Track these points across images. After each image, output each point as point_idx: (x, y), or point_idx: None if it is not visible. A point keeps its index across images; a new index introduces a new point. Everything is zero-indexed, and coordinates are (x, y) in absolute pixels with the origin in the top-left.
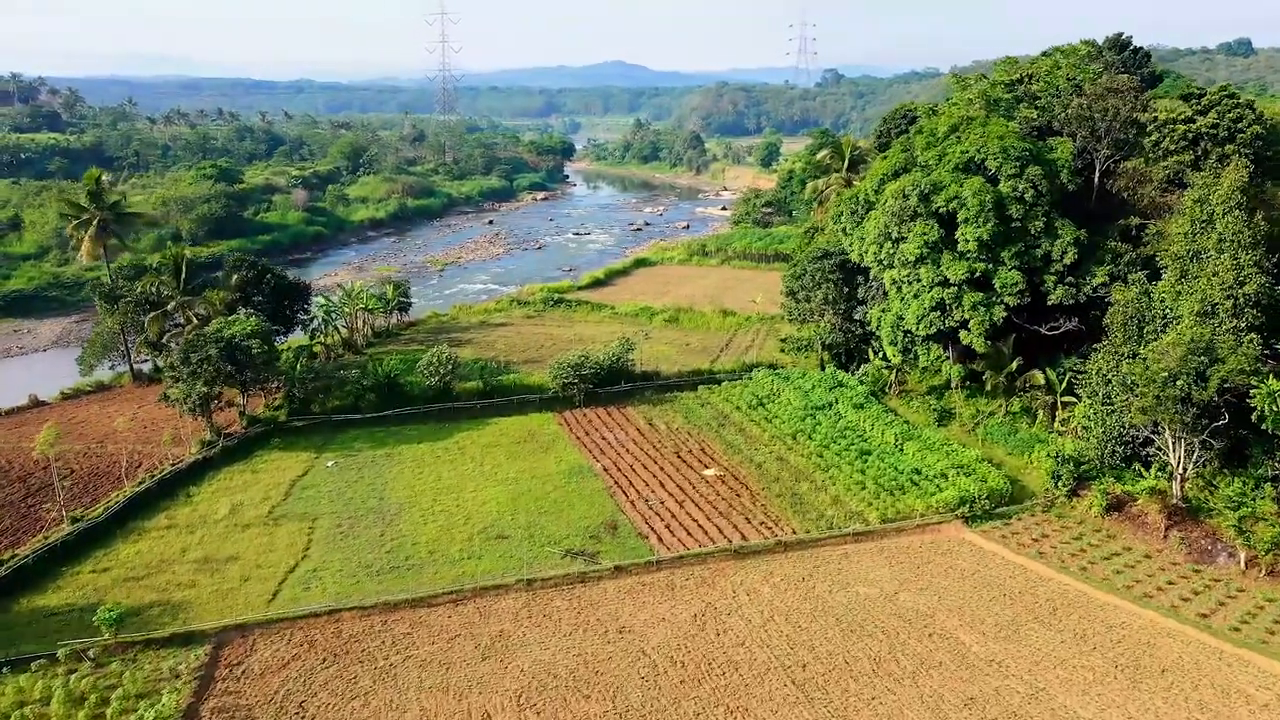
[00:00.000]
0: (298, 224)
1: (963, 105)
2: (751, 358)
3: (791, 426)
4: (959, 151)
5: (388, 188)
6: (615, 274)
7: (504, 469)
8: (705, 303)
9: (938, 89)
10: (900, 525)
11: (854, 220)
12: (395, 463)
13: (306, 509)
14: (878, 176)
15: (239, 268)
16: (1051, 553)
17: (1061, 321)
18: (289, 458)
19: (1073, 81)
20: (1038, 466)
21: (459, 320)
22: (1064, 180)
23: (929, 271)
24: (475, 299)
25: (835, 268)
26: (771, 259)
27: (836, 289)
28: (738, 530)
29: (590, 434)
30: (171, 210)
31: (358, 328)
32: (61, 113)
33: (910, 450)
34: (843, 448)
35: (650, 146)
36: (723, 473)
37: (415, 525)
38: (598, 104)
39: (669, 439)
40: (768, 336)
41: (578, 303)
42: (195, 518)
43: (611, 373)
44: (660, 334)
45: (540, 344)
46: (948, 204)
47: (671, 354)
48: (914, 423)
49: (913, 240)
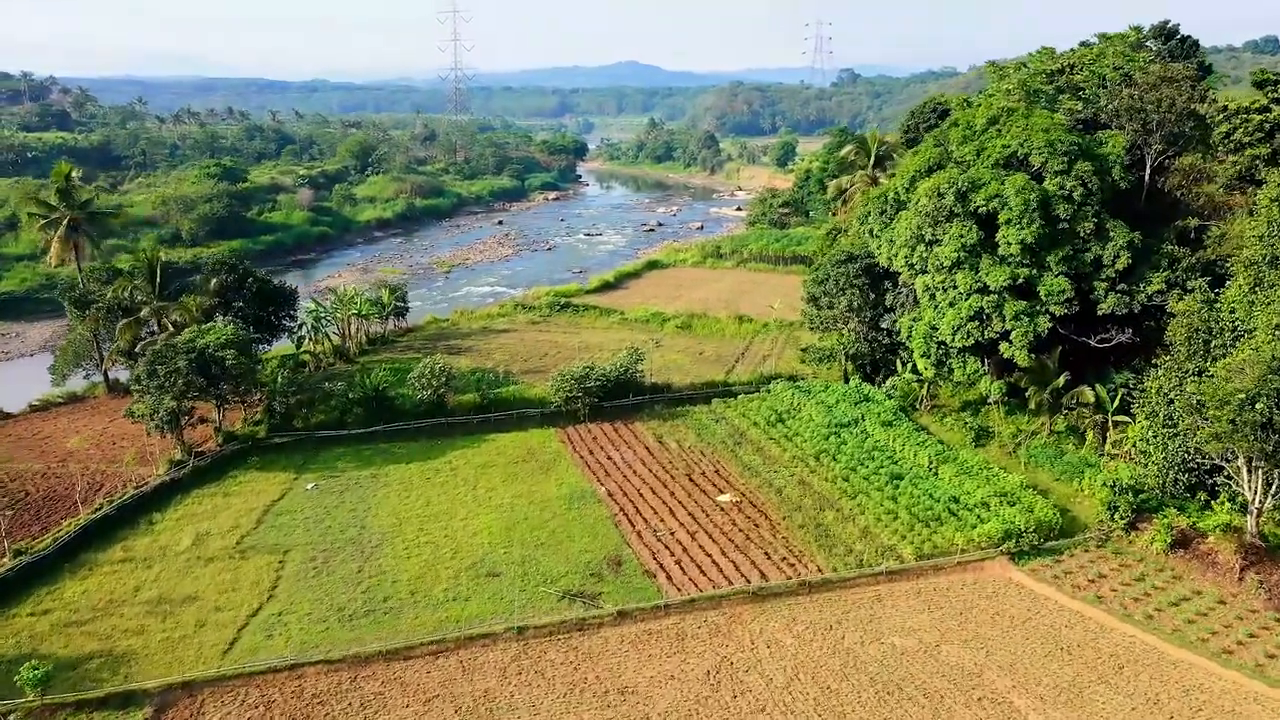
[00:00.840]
0: (302, 224)
1: (1001, 96)
2: (769, 368)
3: (814, 446)
4: (1000, 145)
5: (396, 187)
6: (626, 277)
7: (499, 493)
8: (720, 308)
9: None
10: (938, 562)
11: (882, 221)
12: (381, 485)
13: (279, 539)
14: (909, 173)
15: (218, 271)
16: (1111, 596)
17: (1113, 333)
18: (266, 479)
19: (1120, 70)
20: (1090, 495)
21: (459, 326)
22: (1116, 177)
23: (966, 277)
24: (481, 302)
25: (861, 272)
26: (789, 261)
27: (862, 295)
28: (756, 567)
29: (594, 453)
30: (171, 210)
31: (351, 334)
32: (71, 112)
33: (946, 475)
34: (871, 471)
35: (664, 146)
36: (739, 499)
37: (397, 559)
38: (612, 104)
39: (680, 459)
40: (786, 345)
41: (585, 308)
42: (155, 549)
43: (619, 385)
44: (672, 341)
45: (544, 352)
46: (987, 203)
47: (684, 363)
48: (948, 442)
49: (948, 243)
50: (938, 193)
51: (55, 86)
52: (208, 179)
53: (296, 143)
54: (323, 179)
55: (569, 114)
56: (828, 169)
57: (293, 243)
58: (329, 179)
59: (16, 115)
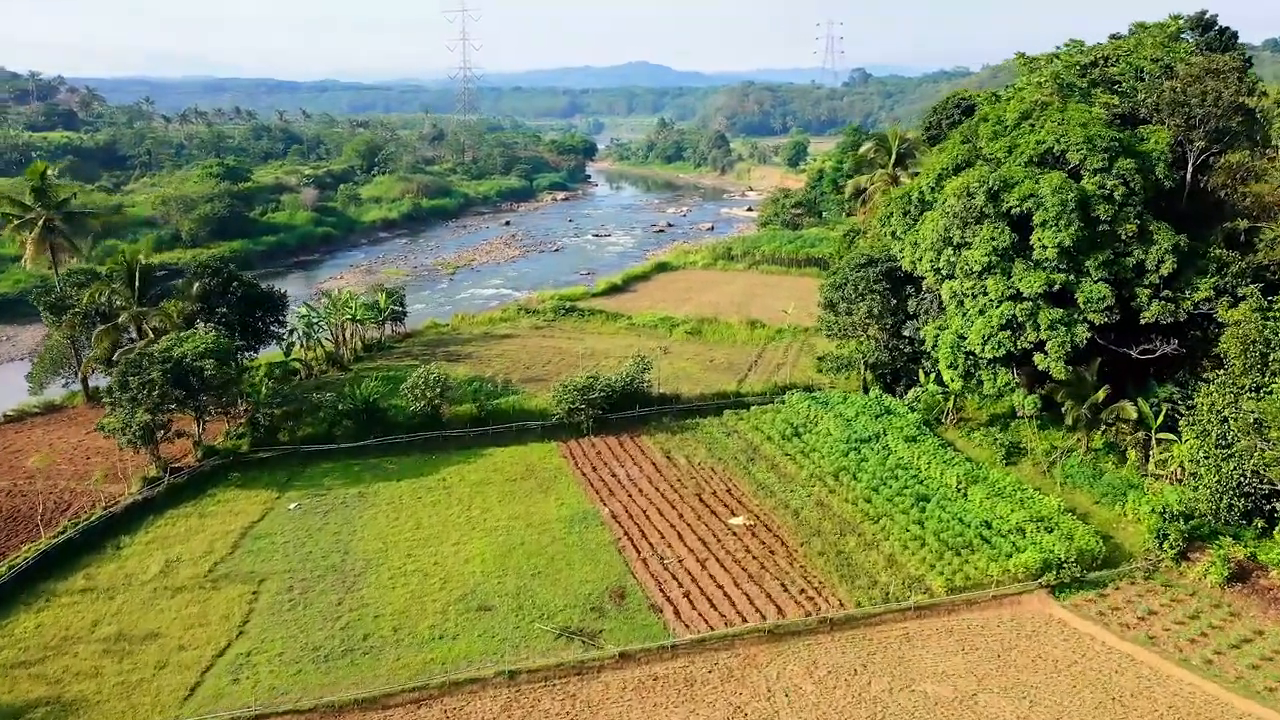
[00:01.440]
0: (306, 224)
1: (1032, 90)
2: (784, 377)
3: (833, 463)
4: (1034, 141)
5: (402, 187)
6: (634, 279)
7: (495, 514)
8: (731, 312)
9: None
10: (971, 596)
11: (906, 223)
12: (368, 505)
13: (255, 566)
14: (935, 172)
15: (201, 275)
16: (1165, 637)
17: (1157, 344)
18: (246, 498)
19: (1159, 62)
20: (1135, 520)
21: (460, 331)
22: (1160, 175)
23: (998, 283)
24: (486, 305)
25: (881, 276)
26: (802, 263)
27: (883, 301)
28: (772, 601)
29: (598, 469)
30: (172, 210)
31: (345, 341)
32: (77, 111)
33: (977, 496)
34: (895, 491)
35: (674, 146)
36: (753, 522)
37: (381, 590)
38: (622, 104)
39: (689, 476)
40: (801, 352)
41: (591, 312)
42: (119, 578)
43: (624, 395)
44: (681, 348)
45: (547, 359)
46: (1021, 203)
47: (693, 372)
48: (977, 460)
49: (979, 246)
50: (967, 192)
51: (63, 86)
52: (210, 178)
53: (304, 142)
54: (329, 179)
55: (579, 114)
56: (842, 168)
57: (296, 243)
58: (335, 179)
59: (23, 115)
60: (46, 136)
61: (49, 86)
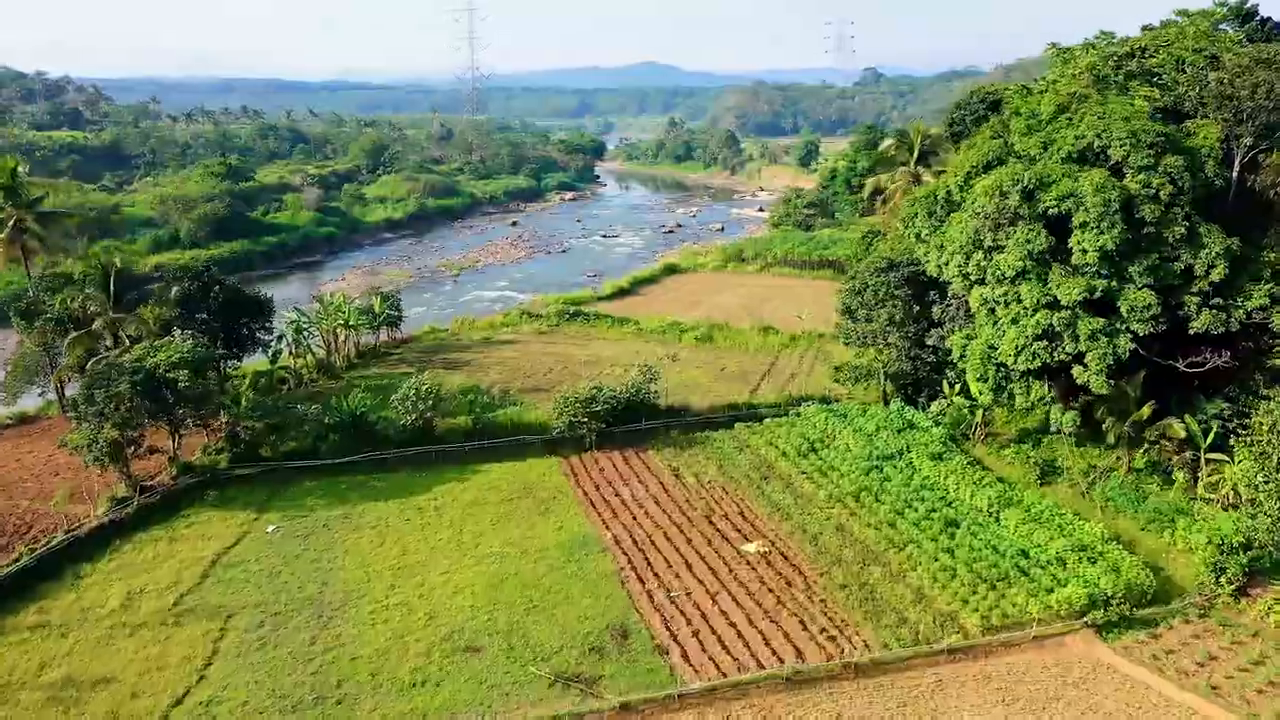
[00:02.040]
0: (308, 225)
1: (1067, 82)
2: (798, 387)
3: (853, 482)
4: (1072, 137)
5: (408, 187)
6: (642, 282)
7: (488, 539)
8: (743, 317)
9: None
10: (1010, 637)
11: (931, 224)
12: (352, 528)
13: (224, 598)
14: (964, 169)
15: (180, 279)
16: (1228, 686)
17: (1206, 355)
18: (221, 519)
19: (1203, 52)
20: (1186, 550)
21: (459, 337)
22: (1210, 173)
23: (1033, 290)
24: (490, 307)
25: (903, 281)
26: (816, 266)
27: (905, 308)
28: (790, 641)
29: (601, 488)
30: (170, 210)
31: (338, 347)
32: (83, 110)
33: (1011, 521)
34: (921, 515)
35: (684, 146)
36: (768, 548)
37: (360, 627)
38: (632, 104)
39: (699, 496)
40: (816, 360)
41: (597, 316)
42: (75, 612)
43: (630, 407)
44: (690, 355)
45: (549, 367)
46: (1059, 204)
47: (703, 381)
48: (1009, 480)
49: (1013, 250)
50: (999, 191)
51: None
52: (212, 178)
53: (310, 142)
54: (334, 178)
55: (588, 114)
56: (856, 167)
57: (298, 244)
58: (340, 178)
59: (29, 114)
60: (51, 136)
61: (55, 86)
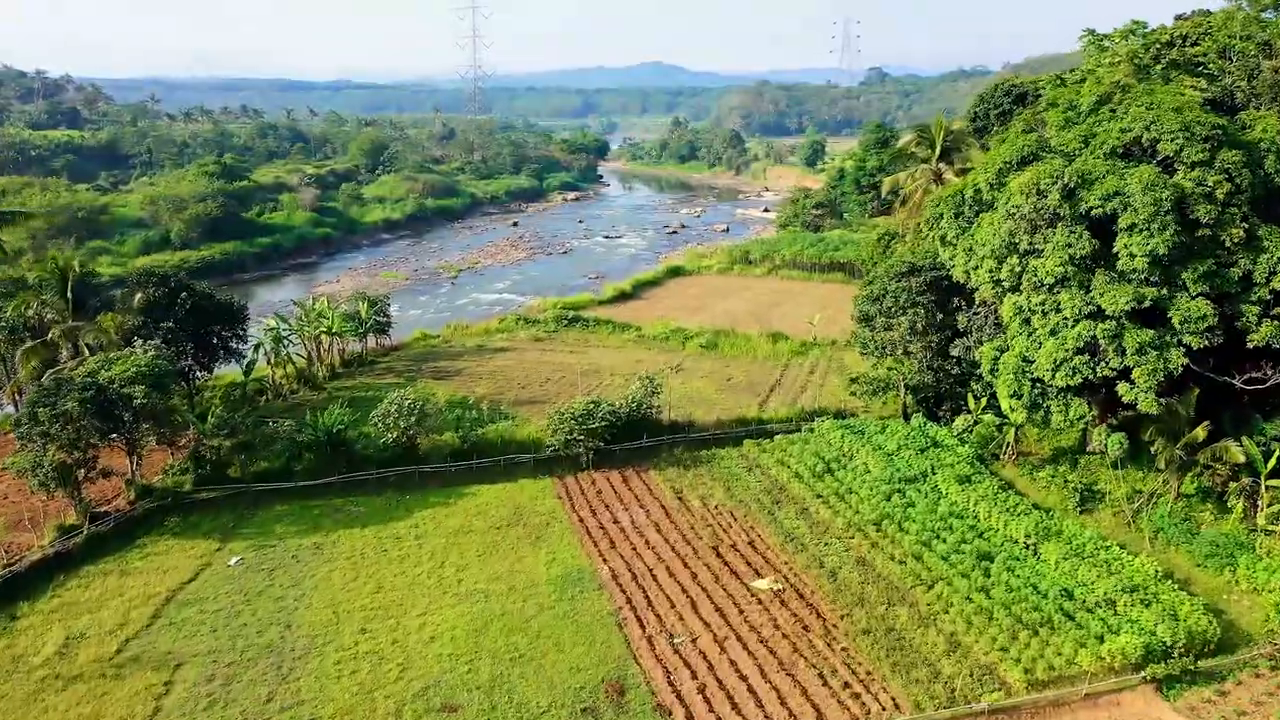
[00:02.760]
0: (304, 225)
1: (1106, 71)
2: (811, 400)
3: (874, 508)
4: (1118, 130)
5: (407, 187)
6: (644, 285)
7: (472, 574)
8: (750, 322)
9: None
10: (1059, 695)
11: (959, 225)
12: (323, 560)
13: (174, 645)
14: (995, 166)
15: (144, 284)
16: None
17: (1267, 372)
18: (181, 549)
19: (1253, 39)
20: (1251, 589)
21: (452, 343)
22: (1269, 169)
23: (1074, 298)
24: (488, 311)
25: (925, 287)
26: (826, 269)
27: (927, 316)
28: (809, 700)
29: (598, 513)
30: (161, 210)
31: (320, 356)
32: (82, 109)
33: (1051, 555)
34: (951, 547)
35: (688, 146)
36: (781, 585)
37: (324, 681)
38: (636, 104)
39: (704, 523)
40: (829, 370)
41: (596, 322)
42: (5, 661)
43: (630, 422)
44: (695, 364)
45: (545, 376)
46: (1104, 203)
47: (709, 392)
48: (1045, 506)
49: (1052, 254)
50: (1037, 190)
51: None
52: (205, 177)
53: (310, 141)
54: (332, 178)
55: (592, 114)
56: (865, 166)
57: (293, 245)
58: (339, 178)
59: (27, 113)
60: (47, 135)
61: (55, 85)
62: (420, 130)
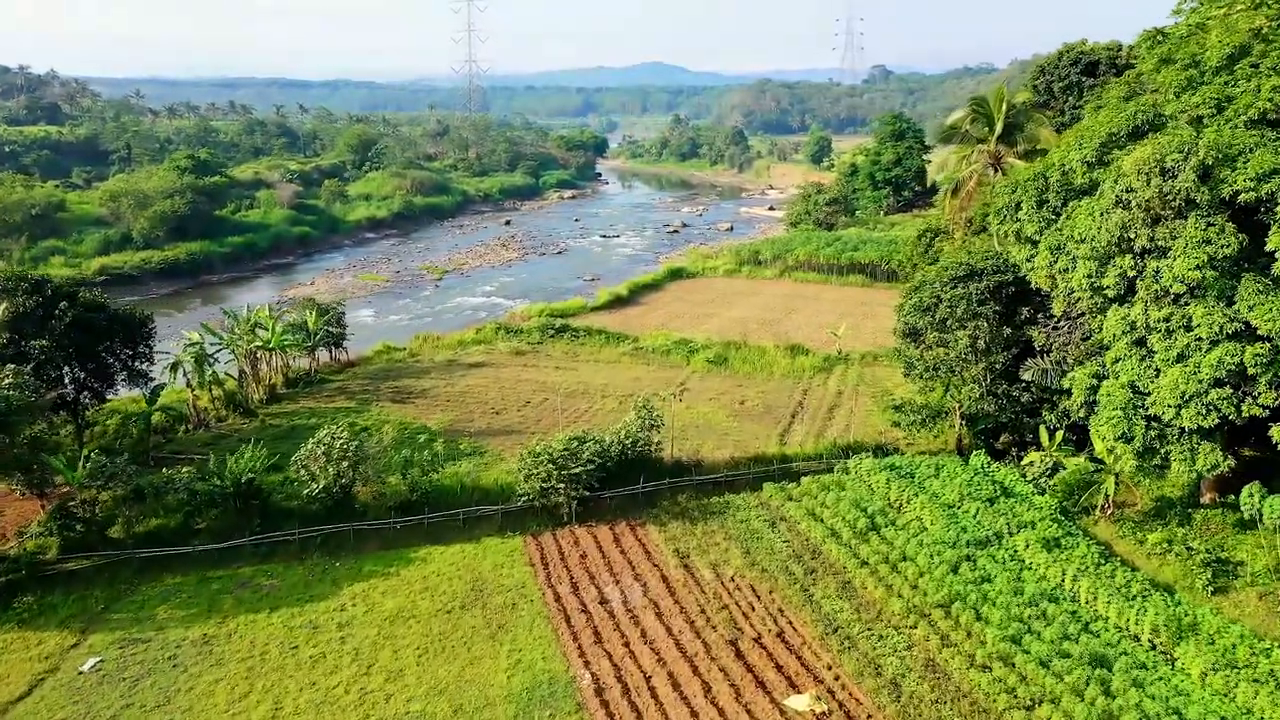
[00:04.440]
0: (281, 224)
1: (1220, 22)
2: (841, 428)
3: (939, 584)
4: (1268, 89)
5: (395, 184)
6: (642, 290)
7: (408, 684)
8: (763, 332)
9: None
10: None
11: (1043, 217)
12: (210, 661)
13: None
14: (1096, 139)
15: (11, 291)
16: None
17: None
18: (23, 646)
19: None
20: None
21: (419, 358)
22: None
23: (1213, 313)
24: (473, 316)
25: (988, 295)
26: (844, 270)
27: (991, 330)
28: None
29: (580, 588)
30: (122, 207)
31: (258, 376)
32: (63, 105)
33: (1194, 664)
34: (1051, 646)
35: (689, 143)
36: (826, 705)
37: None
38: (636, 104)
39: (718, 602)
40: (860, 390)
41: (587, 332)
42: None
43: (624, 463)
44: (702, 383)
45: (525, 398)
46: (1256, 186)
47: (718, 420)
48: (1161, 581)
49: (1184, 254)
50: (1160, 168)
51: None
52: (177, 172)
53: (300, 138)
54: (317, 174)
55: (592, 114)
56: (881, 160)
57: (268, 244)
58: (325, 174)
59: (7, 108)
60: (23, 131)
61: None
62: (414, 128)
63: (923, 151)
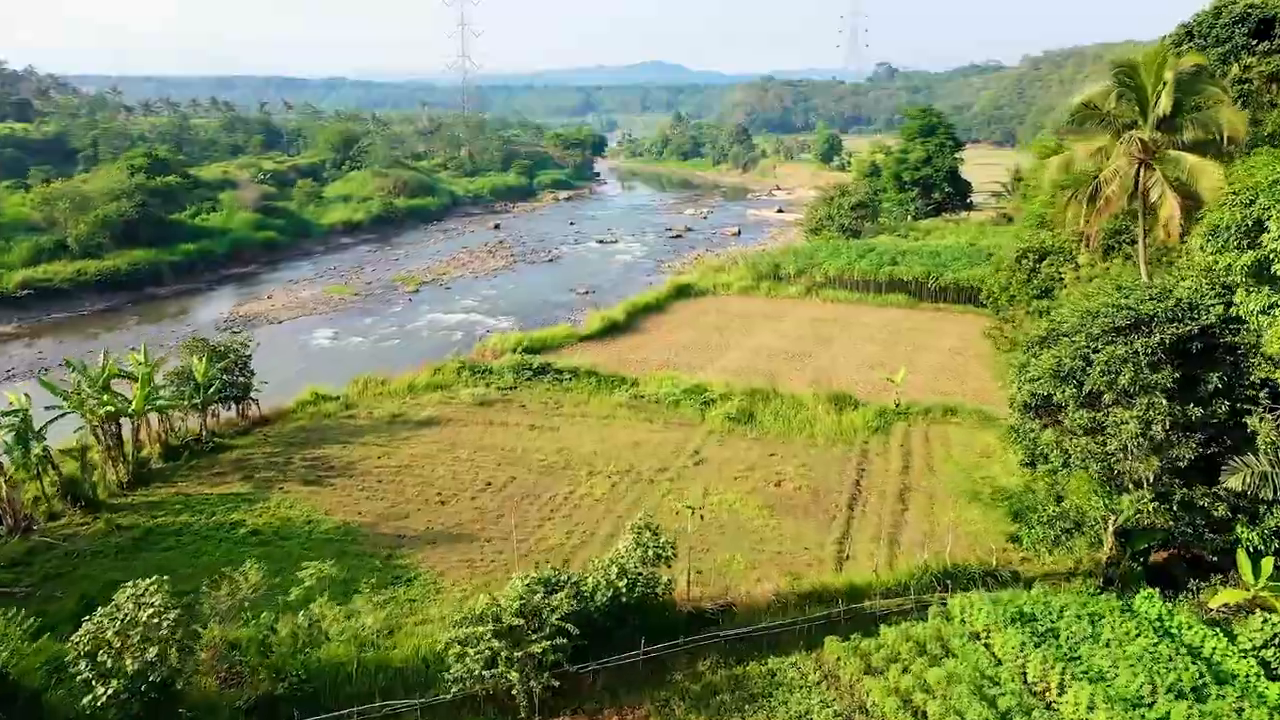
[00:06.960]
0: (243, 229)
1: None
2: (921, 535)
3: None
4: None
5: (377, 184)
6: (642, 312)
7: None
8: (793, 371)
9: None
10: None
11: None
12: None
13: None
14: None
15: None
16: None
17: None
18: None
19: None
20: None
21: (355, 411)
22: None
23: None
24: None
25: (1162, 355)
26: (884, 288)
27: (1173, 408)
28: None
29: None
30: (58, 210)
31: (113, 452)
32: (34, 100)
33: None
34: None
35: (691, 142)
36: None
37: None
38: (636, 102)
39: None
40: (934, 465)
41: (574, 374)
42: None
43: (616, 612)
44: (721, 451)
45: (485, 478)
46: None
47: (749, 514)
48: None
49: None
50: None
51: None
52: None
53: (284, 136)
54: (293, 174)
55: (592, 112)
56: (908, 159)
57: (226, 252)
58: (302, 174)
59: None
60: None
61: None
62: (405, 127)
63: (955, 149)
